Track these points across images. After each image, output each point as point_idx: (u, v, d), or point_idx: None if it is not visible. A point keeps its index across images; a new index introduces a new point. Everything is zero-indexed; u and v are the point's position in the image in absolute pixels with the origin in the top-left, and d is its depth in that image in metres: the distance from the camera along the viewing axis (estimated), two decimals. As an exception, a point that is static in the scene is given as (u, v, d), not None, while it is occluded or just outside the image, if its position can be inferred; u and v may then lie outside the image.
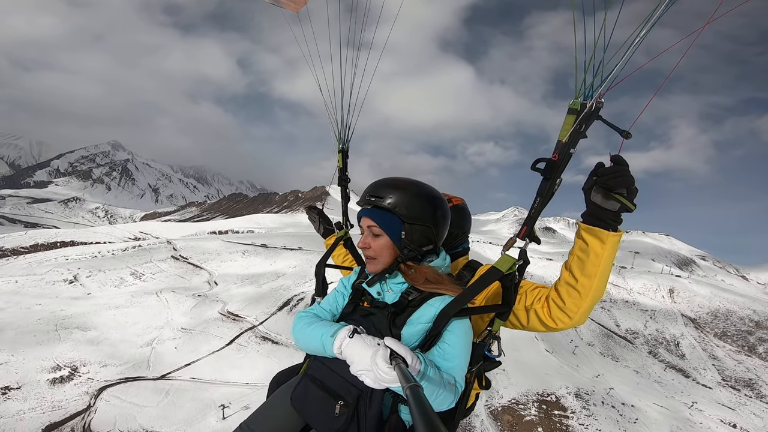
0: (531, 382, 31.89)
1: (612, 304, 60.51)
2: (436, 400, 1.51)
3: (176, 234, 77.72)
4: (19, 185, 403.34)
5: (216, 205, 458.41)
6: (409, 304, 1.74)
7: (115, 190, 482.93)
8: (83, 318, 29.90)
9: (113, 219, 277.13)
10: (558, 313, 1.72)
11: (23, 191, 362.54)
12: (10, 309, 29.86)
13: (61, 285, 35.32)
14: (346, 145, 2.79)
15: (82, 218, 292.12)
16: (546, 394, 30.69)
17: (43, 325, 28.04)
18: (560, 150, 1.62)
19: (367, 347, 1.51)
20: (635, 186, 1.55)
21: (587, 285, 1.63)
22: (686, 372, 45.89)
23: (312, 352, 1.82)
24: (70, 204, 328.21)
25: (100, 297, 35.24)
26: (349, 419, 1.60)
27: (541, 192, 1.67)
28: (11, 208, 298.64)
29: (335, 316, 1.94)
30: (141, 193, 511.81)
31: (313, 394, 1.74)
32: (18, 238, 57.57)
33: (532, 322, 1.82)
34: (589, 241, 1.59)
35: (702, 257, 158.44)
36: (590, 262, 1.60)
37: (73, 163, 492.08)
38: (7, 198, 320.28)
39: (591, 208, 1.58)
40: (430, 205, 1.83)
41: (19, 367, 22.95)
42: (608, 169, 1.51)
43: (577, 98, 1.59)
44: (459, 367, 1.66)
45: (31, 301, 31.62)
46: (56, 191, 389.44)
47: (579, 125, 1.59)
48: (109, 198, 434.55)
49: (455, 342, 1.67)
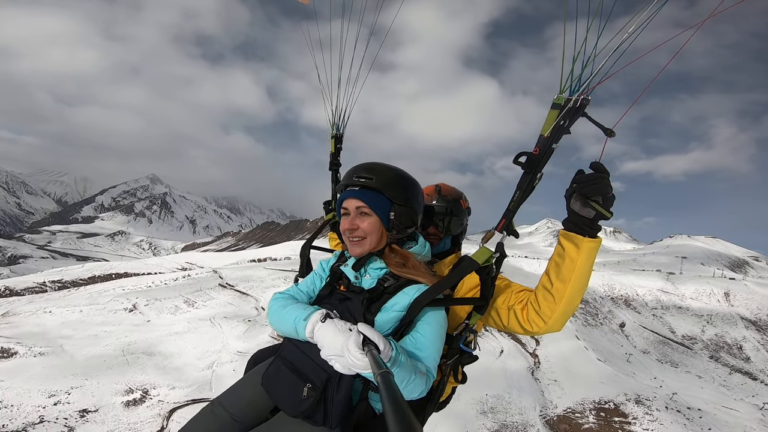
0: (586, 391, 30.71)
1: (664, 310, 57.68)
2: (407, 388, 1.48)
3: (219, 263, 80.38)
4: (68, 221, 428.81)
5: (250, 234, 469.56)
6: (385, 290, 1.73)
7: (156, 222, 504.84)
8: (146, 343, 31.41)
9: (157, 251, 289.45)
10: (534, 316, 1.73)
11: (73, 227, 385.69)
12: (78, 336, 31.73)
13: (122, 313, 37.26)
14: (340, 132, 2.83)
15: (128, 251, 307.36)
16: (603, 402, 29.49)
17: (110, 350, 29.64)
18: (542, 145, 1.62)
19: (339, 332, 1.49)
20: (612, 194, 1.55)
21: (561, 290, 1.64)
22: (753, 375, 43.10)
23: (285, 335, 1.80)
24: (116, 237, 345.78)
25: (159, 324, 36.92)
26: (316, 403, 1.60)
27: (521, 186, 1.68)
28: (62, 243, 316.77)
29: (311, 298, 1.94)
30: (180, 225, 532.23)
31: (283, 375, 1.74)
32: (76, 271, 61.52)
33: (511, 323, 1.82)
34: (566, 246, 1.62)
35: (755, 258, 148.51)
36: (565, 267, 1.62)
37: (116, 197, 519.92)
38: (57, 233, 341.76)
39: (570, 215, 1.61)
40: (412, 187, 1.87)
41: (95, 390, 24.34)
42: (586, 177, 1.54)
43: (561, 93, 1.58)
44: (431, 357, 1.64)
45: (97, 328, 33.52)
46: (102, 226, 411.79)
47: (562, 120, 1.59)
48: (151, 231, 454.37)
49: (428, 332, 1.67)
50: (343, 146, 2.87)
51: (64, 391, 23.38)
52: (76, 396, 23.46)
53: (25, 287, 51.03)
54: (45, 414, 21.68)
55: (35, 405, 22.15)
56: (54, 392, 23.19)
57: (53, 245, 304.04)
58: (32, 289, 50.31)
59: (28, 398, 22.60)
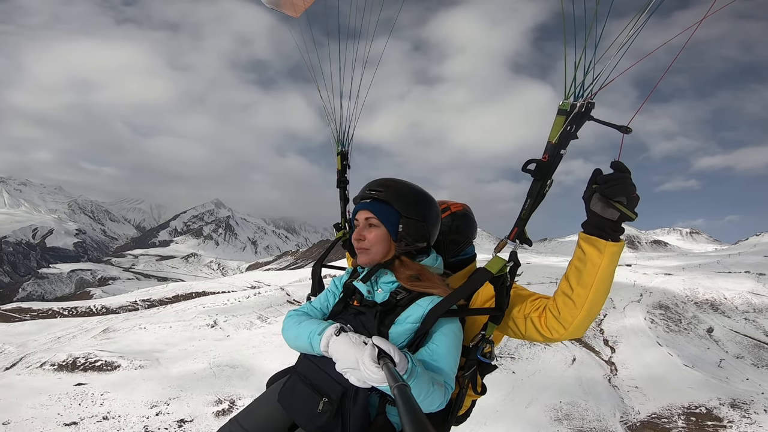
0: (672, 397, 28.14)
1: (757, 314, 51.41)
2: (425, 401, 1.45)
3: (284, 281, 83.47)
4: (147, 245, 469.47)
5: (308, 252, 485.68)
6: (398, 303, 1.72)
7: (222, 244, 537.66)
8: (229, 357, 32.79)
9: (224, 271, 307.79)
10: (553, 322, 1.68)
11: (152, 250, 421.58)
12: (170, 350, 33.88)
13: (205, 329, 39.37)
14: (346, 148, 2.82)
15: (200, 271, 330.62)
16: (694, 407, 26.71)
17: (199, 363, 31.27)
18: (550, 151, 1.60)
19: (353, 345, 1.48)
20: (636, 194, 1.49)
21: (583, 295, 1.58)
22: None
23: (300, 350, 1.81)
24: (189, 259, 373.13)
25: (238, 339, 38.58)
26: (333, 416, 1.58)
27: (532, 193, 1.65)
28: (144, 265, 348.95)
29: (325, 314, 1.94)
30: (243, 246, 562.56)
31: (299, 390, 1.73)
32: (161, 291, 66.75)
33: (529, 331, 1.79)
34: (587, 251, 1.55)
35: None
36: (587, 273, 1.56)
37: (187, 222, 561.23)
38: (139, 256, 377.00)
39: (590, 217, 1.54)
40: (426, 203, 1.86)
41: (189, 401, 25.66)
42: (608, 177, 1.48)
43: (566, 99, 1.57)
44: (448, 368, 1.62)
45: (186, 343, 35.63)
46: (177, 249, 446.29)
47: (569, 126, 1.56)
48: (218, 252, 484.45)
49: (444, 342, 1.65)
50: (341, 150, 2.82)
51: (163, 402, 24.84)
52: (174, 407, 24.82)
53: (119, 305, 56.03)
54: (149, 424, 23.06)
55: (139, 415, 23.64)
56: (155, 403, 24.68)
57: (137, 267, 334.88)
58: (126, 308, 55.13)
59: (132, 409, 24.18)
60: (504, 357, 31.38)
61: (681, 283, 56.80)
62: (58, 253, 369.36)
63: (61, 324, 48.80)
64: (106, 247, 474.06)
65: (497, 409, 24.29)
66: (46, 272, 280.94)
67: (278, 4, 3.01)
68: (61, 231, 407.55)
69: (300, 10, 2.93)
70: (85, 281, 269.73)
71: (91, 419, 22.48)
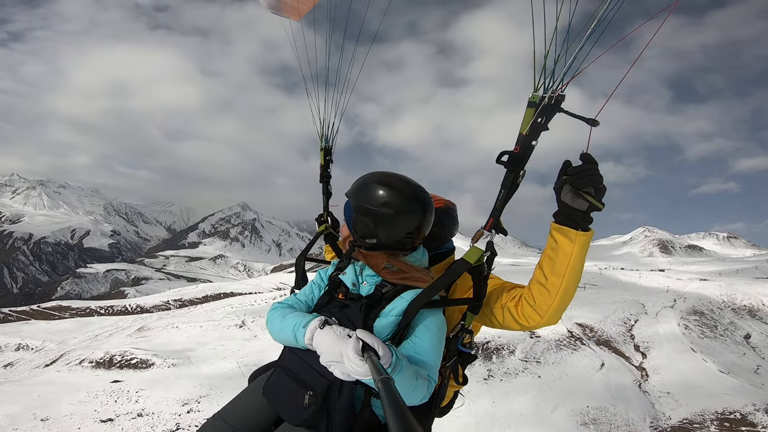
0: (705, 403, 27.14)
1: None
2: (409, 395, 1.46)
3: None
4: (177, 246, 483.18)
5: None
6: (383, 296, 1.72)
7: (248, 246, 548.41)
8: (257, 357, 33.49)
9: (250, 272, 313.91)
10: (529, 311, 1.71)
11: (182, 251, 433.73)
12: (200, 349, 34.93)
13: (234, 329, 40.38)
14: (329, 144, 2.86)
15: (227, 272, 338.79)
16: (728, 413, 25.69)
17: (228, 362, 32.12)
18: (521, 143, 1.63)
19: (337, 338, 1.49)
20: (603, 185, 1.53)
21: (556, 284, 1.61)
22: None
23: (285, 343, 1.80)
24: (217, 261, 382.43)
25: (264, 339, 39.34)
26: (318, 410, 1.58)
27: (506, 184, 1.68)
28: (174, 266, 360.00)
29: (310, 307, 1.92)
30: (267, 248, 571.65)
31: (284, 384, 1.72)
32: (192, 291, 69.01)
33: (506, 320, 1.81)
34: (559, 240, 1.59)
35: None
36: (559, 261, 1.59)
37: (215, 224, 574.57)
38: (170, 257, 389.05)
39: (561, 208, 1.58)
40: (377, 198, 1.77)
41: (219, 399, 26.36)
42: (577, 168, 1.52)
43: (536, 91, 1.59)
44: (431, 361, 1.62)
45: (215, 342, 36.67)
46: (205, 250, 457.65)
47: (539, 118, 1.59)
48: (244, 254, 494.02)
49: (427, 336, 1.65)
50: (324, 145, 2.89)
51: (194, 400, 25.66)
52: (205, 405, 25.60)
53: (153, 305, 58.20)
54: (180, 422, 23.84)
55: (172, 413, 24.44)
56: (186, 401, 25.52)
57: (167, 268, 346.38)
58: (159, 307, 57.26)
59: (166, 406, 25.01)
60: (530, 361, 30.93)
61: (718, 289, 54.56)
62: (94, 254, 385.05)
63: (99, 322, 51.16)
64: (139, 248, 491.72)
65: (522, 413, 24.03)
66: (83, 272, 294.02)
67: (278, 8, 3.02)
68: (97, 232, 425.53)
69: (300, 13, 2.94)
70: (119, 281, 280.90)
71: (126, 416, 23.34)
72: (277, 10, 3.02)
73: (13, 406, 22.25)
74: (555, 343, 33.01)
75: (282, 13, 3.00)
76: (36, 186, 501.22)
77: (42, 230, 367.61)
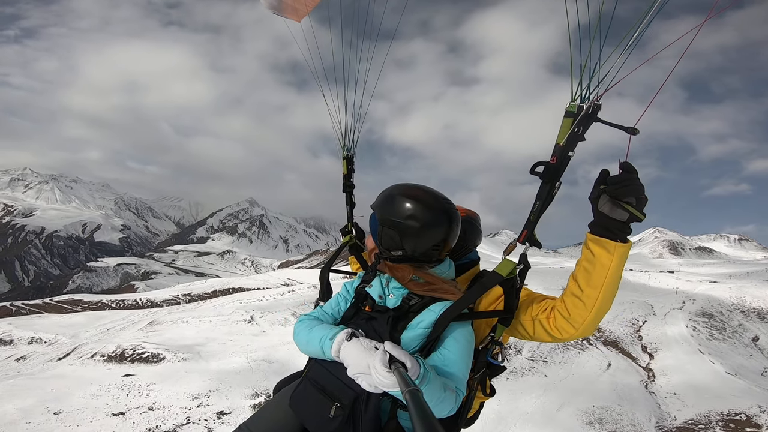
0: (711, 404, 27.13)
1: None
2: (437, 406, 1.45)
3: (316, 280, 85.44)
4: (185, 241, 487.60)
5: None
6: (410, 309, 1.71)
7: (256, 242, 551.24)
8: (265, 352, 33.86)
9: (258, 268, 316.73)
10: (563, 323, 1.67)
11: (190, 246, 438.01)
12: (209, 344, 35.34)
13: (243, 324, 40.79)
14: (351, 153, 2.80)
15: (235, 268, 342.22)
16: (733, 414, 25.69)
17: (237, 357, 32.48)
18: (558, 153, 1.58)
19: (364, 350, 1.49)
20: (645, 195, 1.48)
21: (593, 296, 1.57)
22: None
23: (312, 355, 1.80)
24: (225, 256, 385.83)
25: (273, 334, 39.73)
26: (345, 421, 1.57)
27: (540, 196, 1.64)
28: (183, 261, 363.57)
29: (336, 320, 1.92)
30: (275, 244, 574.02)
31: (311, 395, 1.71)
32: (201, 286, 69.77)
33: (537, 333, 1.77)
34: (596, 252, 1.54)
35: None
36: (596, 273, 1.55)
37: (223, 220, 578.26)
38: (179, 252, 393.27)
39: (598, 218, 1.53)
40: (403, 210, 1.77)
41: (228, 394, 26.79)
42: (616, 178, 1.46)
43: (573, 101, 1.56)
44: (460, 373, 1.61)
45: (224, 337, 37.09)
46: (213, 246, 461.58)
47: (576, 128, 1.55)
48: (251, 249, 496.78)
49: (456, 348, 1.64)
50: (347, 154, 2.79)
51: (204, 395, 26.05)
52: (214, 399, 25.98)
53: (163, 299, 58.94)
54: (190, 416, 24.20)
55: (182, 407, 24.77)
56: (196, 395, 25.91)
57: (176, 263, 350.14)
58: (169, 301, 58.00)
59: (176, 400, 25.34)
60: (536, 360, 30.96)
61: (727, 291, 54.03)
62: (104, 248, 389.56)
63: (110, 316, 51.96)
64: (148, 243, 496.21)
65: (527, 411, 24.10)
66: (94, 266, 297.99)
67: (280, 9, 2.99)
68: (107, 226, 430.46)
69: (302, 15, 2.91)
70: (129, 275, 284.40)
71: (137, 410, 23.64)
72: (279, 11, 3.00)
73: (26, 399, 22.54)
74: (562, 343, 33.01)
75: (283, 13, 2.97)
76: (48, 180, 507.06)
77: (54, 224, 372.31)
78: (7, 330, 42.64)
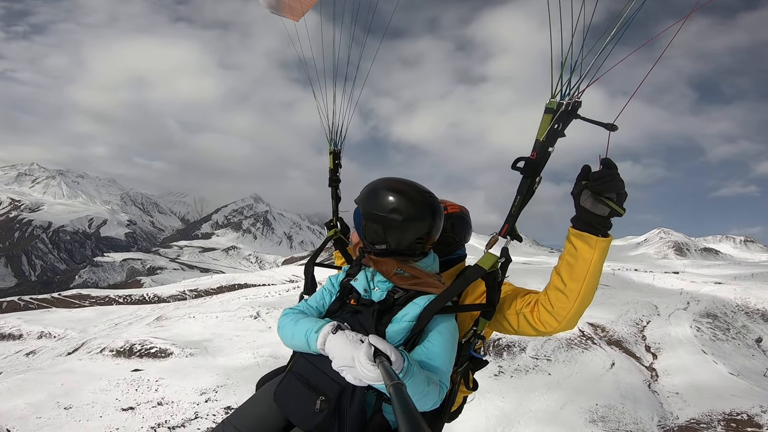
0: (713, 404, 27.19)
1: None
2: (421, 400, 1.47)
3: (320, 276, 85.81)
4: (190, 237, 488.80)
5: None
6: (395, 302, 1.72)
7: (260, 238, 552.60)
8: (271, 348, 34.17)
9: (262, 264, 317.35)
10: (546, 316, 1.71)
11: (195, 242, 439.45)
12: (216, 340, 35.71)
13: (249, 320, 41.13)
14: (338, 148, 2.85)
15: (240, 264, 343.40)
16: (735, 414, 25.78)
17: (243, 353, 32.82)
18: (538, 149, 1.62)
19: (350, 343, 1.49)
20: (625, 190, 1.51)
21: (575, 289, 1.61)
22: None
23: (296, 349, 1.80)
24: (230, 252, 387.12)
25: (278, 331, 40.13)
26: (330, 415, 1.59)
27: (521, 191, 1.68)
28: (188, 257, 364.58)
29: (321, 313, 1.93)
30: (279, 240, 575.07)
31: (296, 389, 1.72)
32: (207, 282, 70.31)
33: (521, 326, 1.80)
34: (578, 246, 1.58)
35: None
36: (579, 267, 1.59)
37: (228, 216, 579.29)
38: (184, 248, 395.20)
39: (580, 213, 1.57)
40: (386, 203, 1.79)
41: (236, 389, 27.11)
42: (597, 174, 1.50)
43: (553, 97, 1.58)
44: (444, 367, 1.62)
45: (231, 333, 37.44)
46: (218, 242, 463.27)
47: (555, 124, 1.58)
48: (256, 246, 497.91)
49: (440, 341, 1.65)
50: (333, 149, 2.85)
51: (212, 389, 26.37)
52: (222, 394, 26.31)
53: (169, 295, 59.49)
54: (199, 410, 24.50)
55: (190, 402, 25.01)
56: (204, 390, 26.22)
57: (181, 258, 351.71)
58: (175, 297, 58.56)
59: (184, 395, 25.59)
60: (541, 359, 31.09)
61: (732, 293, 53.87)
62: (110, 243, 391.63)
63: (118, 311, 52.48)
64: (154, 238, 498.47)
65: (531, 409, 24.28)
66: (101, 260, 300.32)
67: (278, 8, 3.00)
68: (114, 222, 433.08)
69: (299, 14, 2.91)
70: (135, 270, 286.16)
71: (146, 404, 23.91)
72: (277, 10, 3.01)
73: (37, 394, 22.76)
74: (566, 342, 33.05)
75: (281, 13, 2.98)
76: (55, 175, 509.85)
77: (60, 219, 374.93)
78: (17, 325, 43.15)
